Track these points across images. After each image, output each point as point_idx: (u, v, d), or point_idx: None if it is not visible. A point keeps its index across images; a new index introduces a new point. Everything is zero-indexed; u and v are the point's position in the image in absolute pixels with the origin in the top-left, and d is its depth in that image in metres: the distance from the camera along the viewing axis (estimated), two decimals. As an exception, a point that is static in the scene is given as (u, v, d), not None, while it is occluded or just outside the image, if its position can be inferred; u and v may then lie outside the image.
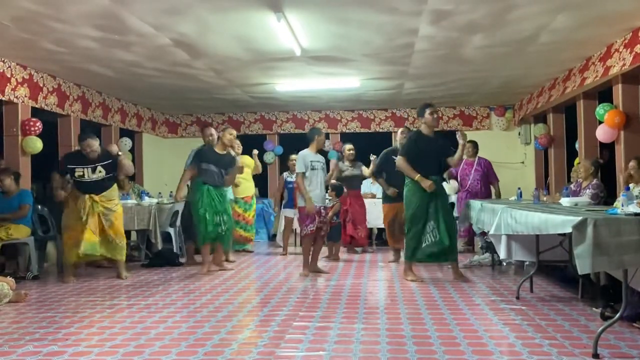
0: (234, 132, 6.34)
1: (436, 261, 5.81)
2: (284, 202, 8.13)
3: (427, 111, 5.63)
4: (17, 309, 4.49)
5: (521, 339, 3.44)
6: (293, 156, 7.69)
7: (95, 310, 4.38)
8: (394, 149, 6.81)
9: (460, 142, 5.51)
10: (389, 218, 6.85)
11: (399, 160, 5.66)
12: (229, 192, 6.65)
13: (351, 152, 7.67)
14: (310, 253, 6.02)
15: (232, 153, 6.60)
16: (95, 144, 5.71)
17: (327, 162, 8.49)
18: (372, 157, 7.14)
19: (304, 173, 5.86)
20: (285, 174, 8.16)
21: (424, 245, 5.49)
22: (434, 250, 5.46)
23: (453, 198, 9.16)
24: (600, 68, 6.21)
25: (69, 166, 5.76)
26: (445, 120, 10.47)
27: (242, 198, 7.72)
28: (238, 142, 7.85)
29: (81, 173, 5.72)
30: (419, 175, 5.42)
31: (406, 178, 5.62)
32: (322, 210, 5.96)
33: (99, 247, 5.78)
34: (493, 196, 7.58)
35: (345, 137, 10.60)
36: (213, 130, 6.58)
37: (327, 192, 7.41)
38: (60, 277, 5.98)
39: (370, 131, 10.61)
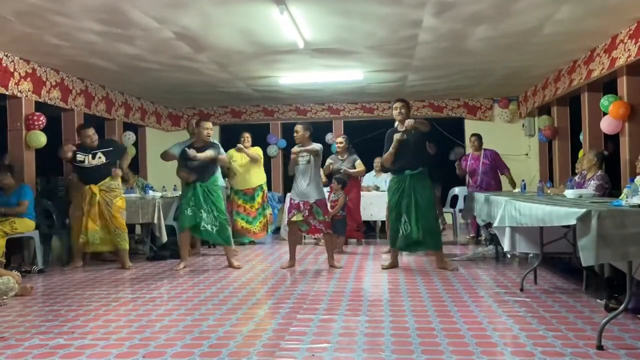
0: (209, 125, 6.22)
1: (413, 250, 6.15)
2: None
3: (393, 107, 5.81)
4: (23, 303, 4.51)
5: (525, 330, 3.44)
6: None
7: (100, 304, 4.41)
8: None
9: (409, 128, 5.51)
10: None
11: (383, 160, 5.93)
12: (218, 184, 6.52)
13: (340, 144, 7.70)
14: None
15: (214, 141, 6.59)
16: (93, 131, 6.18)
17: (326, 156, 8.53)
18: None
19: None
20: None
21: (400, 235, 5.70)
22: (408, 242, 5.68)
23: (456, 190, 9.19)
24: (605, 60, 6.17)
25: (74, 150, 6.20)
26: (450, 109, 10.48)
27: (242, 190, 7.77)
28: (247, 134, 7.88)
29: (82, 159, 6.12)
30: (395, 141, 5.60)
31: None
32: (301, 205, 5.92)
33: (102, 237, 6.12)
34: (510, 186, 7.55)
35: (348, 125, 10.63)
36: (208, 124, 6.29)
37: (330, 184, 7.45)
38: (68, 264, 6.32)
39: (372, 115, 10.62)
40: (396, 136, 5.59)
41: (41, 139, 6.56)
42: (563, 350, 3.05)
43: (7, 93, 6.20)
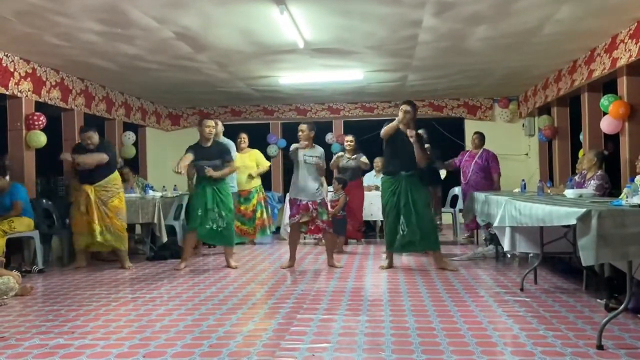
0: (211, 123, 6.18)
1: (412, 251, 6.14)
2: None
3: (400, 108, 5.77)
4: (23, 303, 4.51)
5: (525, 330, 3.44)
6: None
7: (100, 303, 4.41)
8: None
9: (411, 140, 5.58)
10: None
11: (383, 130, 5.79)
12: (228, 183, 6.51)
13: (350, 143, 7.68)
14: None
15: (224, 141, 6.80)
16: (94, 136, 6.09)
17: (331, 155, 8.54)
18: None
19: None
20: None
21: (398, 236, 5.69)
22: (406, 242, 5.68)
23: (456, 190, 9.19)
24: (607, 60, 6.17)
25: (71, 153, 6.15)
26: (450, 108, 10.48)
27: (238, 192, 7.76)
28: (244, 135, 7.90)
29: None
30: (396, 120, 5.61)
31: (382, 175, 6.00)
32: (310, 205, 5.91)
33: (102, 235, 6.08)
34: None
35: (348, 124, 10.64)
36: (210, 122, 6.23)
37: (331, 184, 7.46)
38: (69, 264, 6.34)
39: (372, 115, 10.62)
40: (394, 124, 5.60)
41: (41, 138, 6.56)
42: (563, 350, 3.05)
43: (7, 93, 6.19)
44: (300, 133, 5.97)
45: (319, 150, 6.03)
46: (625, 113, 5.88)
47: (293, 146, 5.98)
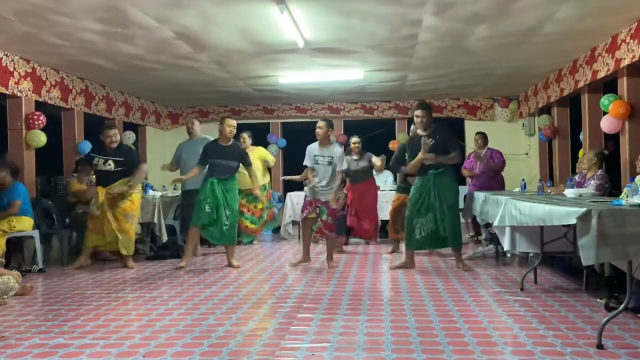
0: (234, 123, 6.18)
1: (432, 247, 6.12)
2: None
3: (414, 114, 5.78)
4: (23, 302, 4.51)
5: (525, 330, 3.44)
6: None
7: (100, 303, 4.41)
8: (410, 137, 6.35)
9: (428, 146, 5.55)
10: (394, 206, 6.90)
11: (406, 169, 5.95)
12: (236, 184, 6.54)
13: (357, 145, 7.64)
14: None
15: (240, 145, 6.84)
16: (115, 132, 6.12)
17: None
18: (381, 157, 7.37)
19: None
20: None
21: (418, 236, 5.70)
22: (430, 239, 5.72)
23: (464, 191, 9.18)
24: (609, 60, 6.14)
25: (91, 154, 6.20)
26: (450, 109, 10.47)
27: (244, 190, 7.76)
28: (245, 135, 7.91)
29: (96, 162, 6.10)
30: (418, 157, 5.57)
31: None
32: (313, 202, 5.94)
33: (112, 237, 6.08)
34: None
35: (348, 125, 10.63)
36: (232, 121, 6.22)
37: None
38: (70, 263, 6.23)
39: (372, 116, 10.62)
40: (417, 158, 5.58)
41: (41, 138, 6.56)
42: (563, 349, 3.05)
43: (7, 92, 6.20)
44: (318, 130, 5.92)
45: (334, 150, 5.94)
46: (625, 113, 5.88)
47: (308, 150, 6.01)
